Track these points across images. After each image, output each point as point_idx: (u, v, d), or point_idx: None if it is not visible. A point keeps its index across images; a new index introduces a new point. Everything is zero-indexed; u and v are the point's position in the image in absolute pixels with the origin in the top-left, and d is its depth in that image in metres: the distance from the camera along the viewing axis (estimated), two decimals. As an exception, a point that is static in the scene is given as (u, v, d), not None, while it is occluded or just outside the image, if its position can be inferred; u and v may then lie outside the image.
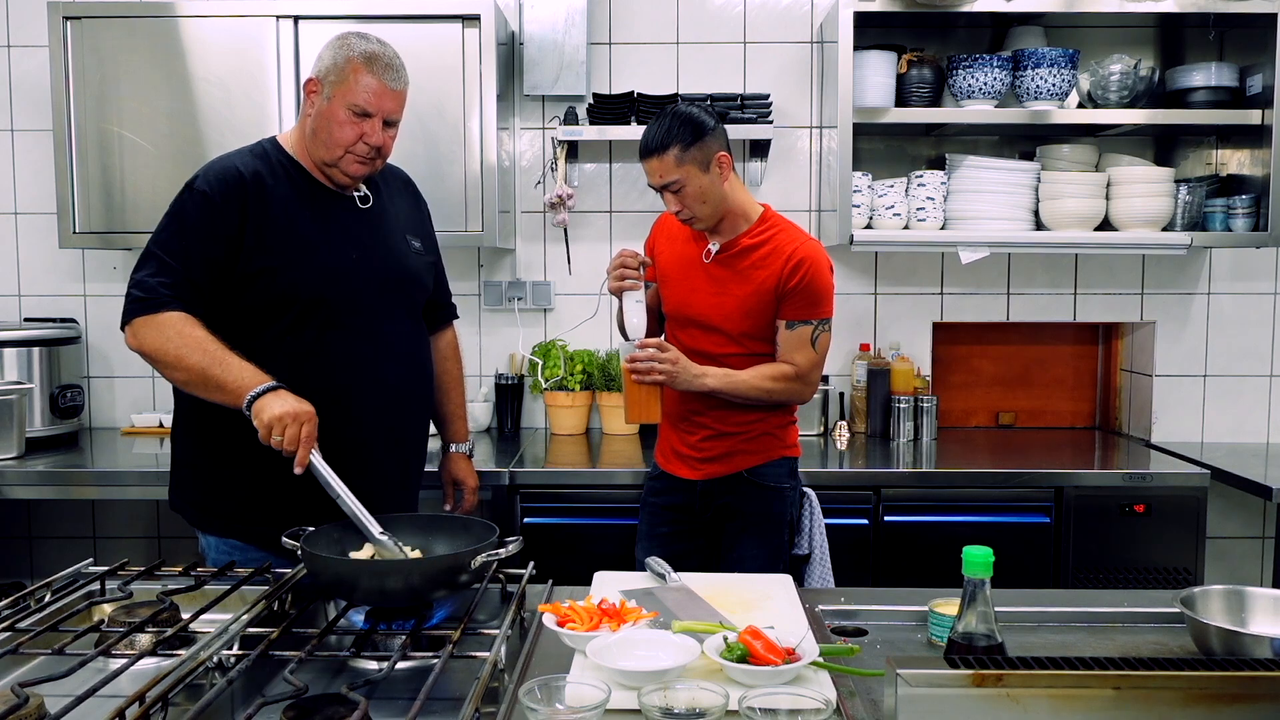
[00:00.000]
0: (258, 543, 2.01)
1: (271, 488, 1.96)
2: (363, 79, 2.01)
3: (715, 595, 1.70)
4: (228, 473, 2.05)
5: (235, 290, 2.00)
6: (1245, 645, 1.41)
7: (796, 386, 2.37)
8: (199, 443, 2.09)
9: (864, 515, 2.83)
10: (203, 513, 2.11)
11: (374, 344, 2.09)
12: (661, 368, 2.29)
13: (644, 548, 2.45)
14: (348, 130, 2.01)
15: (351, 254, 2.08)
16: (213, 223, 1.97)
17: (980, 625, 1.30)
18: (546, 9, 3.25)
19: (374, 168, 2.09)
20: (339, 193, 2.11)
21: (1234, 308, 3.47)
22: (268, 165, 2.05)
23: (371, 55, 2.02)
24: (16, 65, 3.46)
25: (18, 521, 3.51)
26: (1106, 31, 3.35)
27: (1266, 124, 3.08)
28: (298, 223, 2.03)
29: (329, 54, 2.04)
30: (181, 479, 2.15)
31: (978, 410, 3.63)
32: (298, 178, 2.08)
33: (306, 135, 2.08)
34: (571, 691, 1.27)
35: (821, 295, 2.34)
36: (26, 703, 1.19)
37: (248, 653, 1.40)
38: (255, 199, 2.00)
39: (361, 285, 2.08)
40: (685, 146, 2.26)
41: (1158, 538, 2.86)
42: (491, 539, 1.64)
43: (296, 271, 2.01)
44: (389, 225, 2.18)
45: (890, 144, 3.45)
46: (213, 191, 1.98)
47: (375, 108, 2.02)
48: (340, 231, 2.09)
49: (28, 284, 3.51)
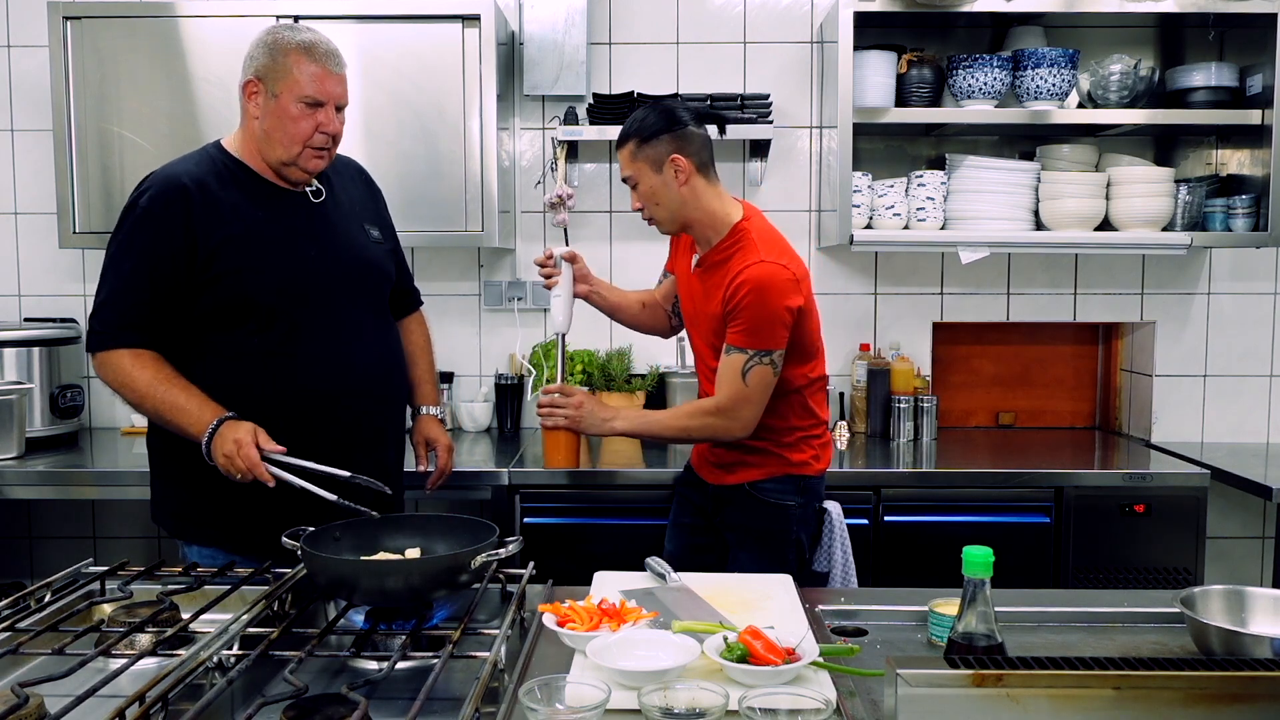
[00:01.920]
0: (241, 550, 2.00)
1: (249, 495, 1.97)
2: (307, 69, 1.99)
3: (715, 595, 1.70)
4: (204, 483, 2.02)
5: (196, 295, 2.00)
6: (1245, 645, 1.41)
7: (718, 423, 2.20)
8: (172, 454, 2.08)
9: (864, 515, 2.82)
10: (183, 523, 2.12)
11: (342, 338, 2.09)
12: (562, 412, 2.27)
13: (671, 534, 2.48)
14: (303, 124, 2.00)
15: (309, 250, 2.07)
16: (158, 240, 1.97)
17: (980, 625, 1.30)
18: (546, 9, 3.25)
19: (330, 158, 2.09)
20: (290, 190, 2.10)
21: (1234, 308, 3.47)
22: (214, 170, 2.05)
23: (309, 44, 2.01)
24: (16, 65, 3.46)
25: (18, 521, 3.51)
26: (1106, 31, 3.35)
27: (1266, 124, 3.08)
28: (252, 224, 2.03)
29: (261, 52, 2.02)
30: (160, 491, 2.16)
31: (978, 410, 3.63)
32: (246, 180, 2.07)
33: (257, 137, 2.05)
34: (571, 691, 1.27)
35: (762, 324, 2.13)
36: (26, 703, 1.19)
37: (248, 653, 1.40)
38: (202, 206, 1.99)
39: (323, 280, 2.08)
40: (639, 143, 2.20)
41: (1158, 538, 2.85)
42: (491, 539, 1.64)
43: (256, 273, 2.01)
44: (345, 217, 2.17)
45: (890, 144, 3.45)
46: (155, 207, 1.98)
47: (326, 95, 2.01)
48: (296, 229, 2.08)
49: (28, 284, 3.51)
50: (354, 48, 3.06)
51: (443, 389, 3.44)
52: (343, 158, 2.27)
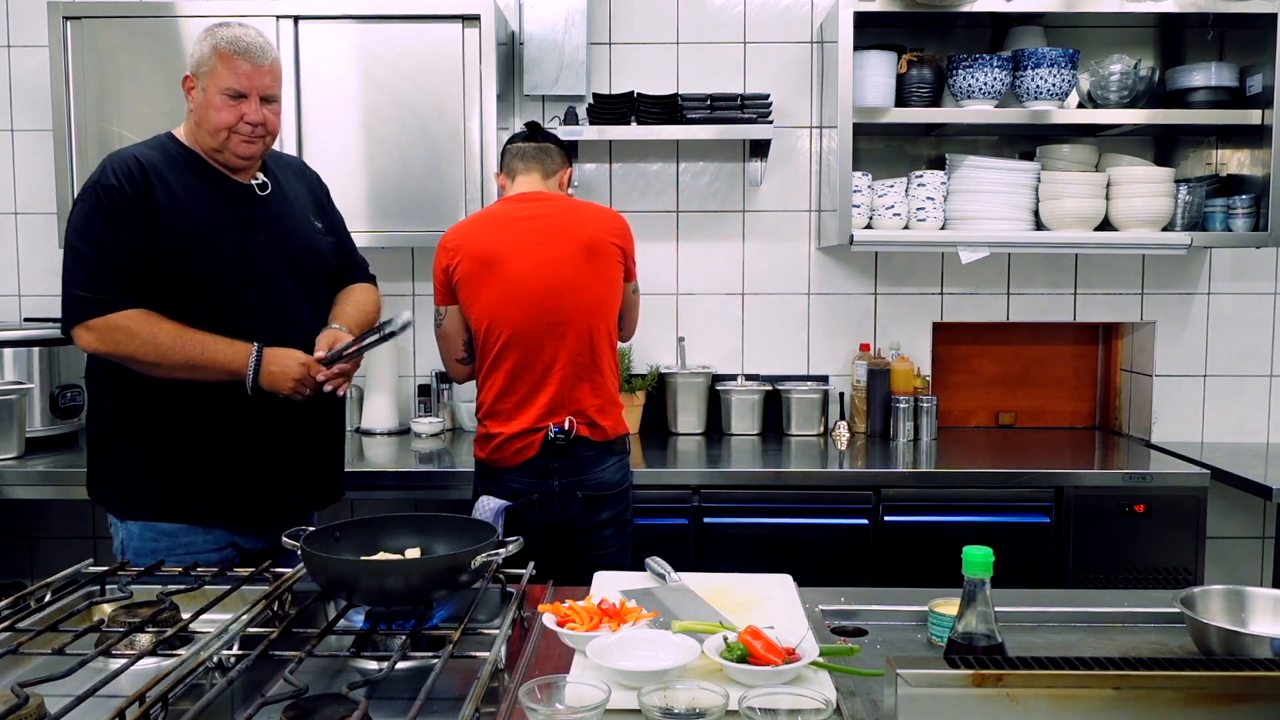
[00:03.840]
0: (188, 520, 2.10)
1: (193, 469, 2.10)
2: (230, 62, 2.08)
3: (715, 595, 1.70)
4: (154, 455, 2.10)
5: (146, 277, 2.06)
6: (1245, 645, 1.41)
7: None
8: (122, 428, 2.14)
9: (864, 515, 2.83)
10: (124, 500, 2.15)
11: (285, 323, 2.17)
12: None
13: None
14: (225, 114, 2.09)
15: (260, 236, 2.16)
16: (130, 212, 2.04)
17: (980, 625, 1.30)
18: (546, 9, 3.25)
19: (265, 145, 2.17)
20: (237, 181, 2.18)
21: (1234, 308, 3.47)
22: (165, 157, 2.13)
23: (233, 39, 2.10)
24: (16, 65, 3.46)
25: (18, 521, 3.51)
26: (1106, 31, 3.35)
27: (1266, 124, 3.08)
28: (203, 208, 2.11)
29: (197, 49, 2.13)
30: (102, 468, 2.19)
31: (978, 410, 3.63)
32: (198, 166, 2.15)
33: (193, 127, 2.15)
34: (571, 691, 1.27)
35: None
36: (26, 703, 1.19)
37: (248, 653, 1.40)
38: (160, 186, 2.07)
39: (272, 266, 2.16)
40: None
41: (1158, 538, 2.85)
42: (491, 539, 1.63)
43: (204, 257, 2.08)
44: (291, 209, 2.26)
45: (890, 144, 3.45)
46: (123, 183, 2.05)
47: (247, 87, 2.10)
48: (246, 216, 2.16)
49: (28, 284, 3.51)
50: (354, 48, 3.06)
51: (442, 387, 3.45)
52: (286, 156, 2.40)
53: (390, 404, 3.42)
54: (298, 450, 2.20)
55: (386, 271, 3.46)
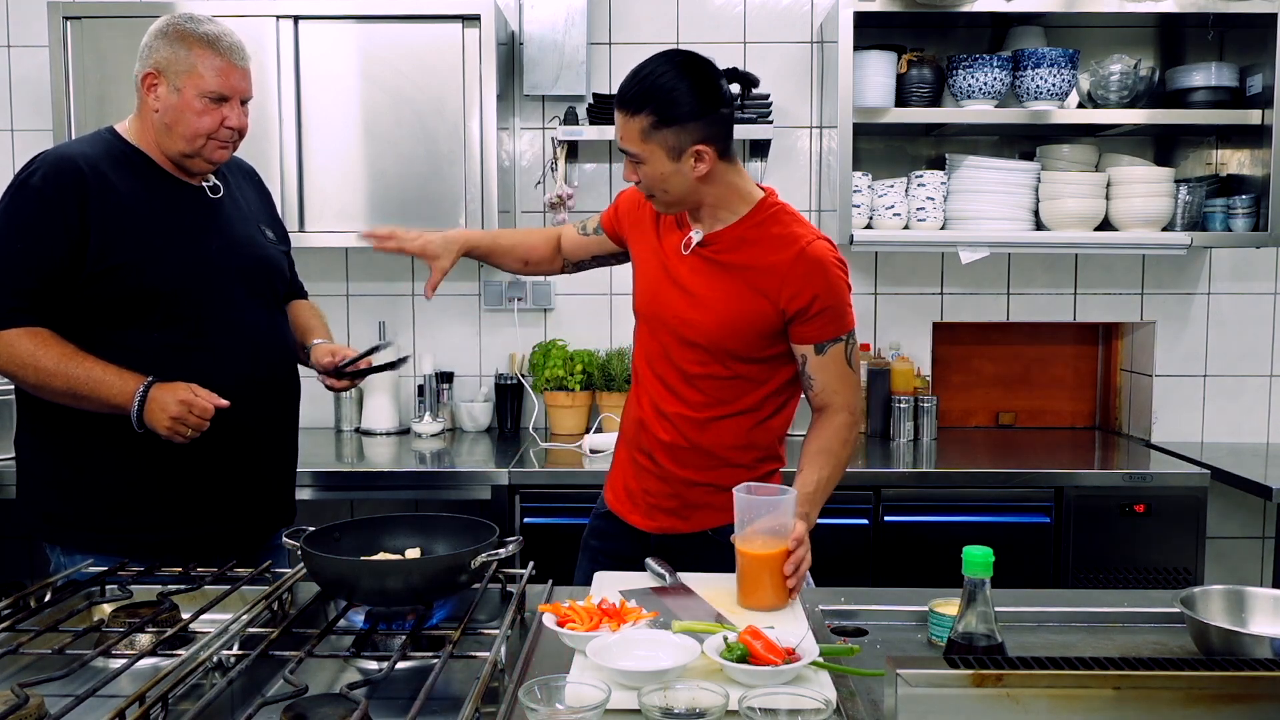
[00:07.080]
0: (124, 553, 1.87)
1: (130, 493, 1.93)
2: (211, 63, 1.92)
3: (715, 595, 1.70)
4: (86, 478, 1.95)
5: (87, 288, 1.88)
6: (1245, 645, 1.41)
7: (855, 431, 1.95)
8: (51, 447, 1.98)
9: (864, 515, 2.83)
10: (56, 526, 1.99)
11: (240, 336, 2.01)
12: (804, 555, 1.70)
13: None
14: (206, 119, 1.93)
15: (212, 244, 1.99)
16: (51, 221, 1.85)
17: (980, 625, 1.30)
18: (546, 9, 3.25)
19: (234, 149, 2.03)
20: (188, 183, 2.02)
21: (1234, 308, 3.47)
22: (109, 156, 1.94)
23: (213, 37, 1.93)
24: (16, 65, 3.46)
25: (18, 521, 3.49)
26: (1106, 31, 3.35)
27: (1266, 124, 3.08)
28: (150, 214, 1.94)
29: (163, 44, 1.93)
30: (32, 489, 2.02)
31: (978, 410, 3.62)
32: (144, 168, 1.97)
33: (156, 129, 1.96)
34: (571, 691, 1.27)
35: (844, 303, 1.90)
36: (26, 703, 1.19)
37: (248, 653, 1.40)
38: (97, 192, 1.88)
39: (227, 276, 2.00)
40: (656, 124, 1.79)
41: (1158, 538, 2.85)
42: (491, 539, 1.63)
43: (156, 265, 1.91)
44: (242, 215, 2.11)
45: (890, 144, 3.45)
46: (48, 187, 1.86)
47: (230, 90, 1.94)
48: (197, 222, 2.00)
49: (28, 284, 3.51)
50: (354, 48, 3.07)
51: (442, 387, 3.45)
52: (236, 159, 2.17)
53: (390, 404, 3.42)
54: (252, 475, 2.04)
55: (386, 271, 3.47)
